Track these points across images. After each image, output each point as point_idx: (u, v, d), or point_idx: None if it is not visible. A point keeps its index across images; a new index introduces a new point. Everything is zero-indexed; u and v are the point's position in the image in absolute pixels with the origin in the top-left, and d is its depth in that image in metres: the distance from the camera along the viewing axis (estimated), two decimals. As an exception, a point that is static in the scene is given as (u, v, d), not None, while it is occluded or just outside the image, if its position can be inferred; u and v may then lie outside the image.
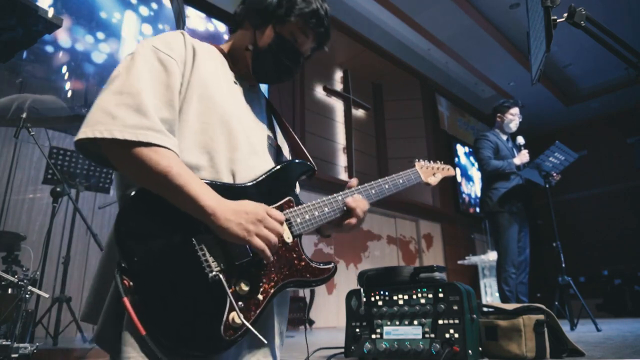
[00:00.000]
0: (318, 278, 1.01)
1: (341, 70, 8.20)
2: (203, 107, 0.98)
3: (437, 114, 8.99)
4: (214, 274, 0.85)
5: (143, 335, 0.76)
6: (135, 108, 0.85)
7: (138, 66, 0.90)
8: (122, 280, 0.78)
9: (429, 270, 1.82)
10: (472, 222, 9.00)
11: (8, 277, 2.03)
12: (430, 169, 1.48)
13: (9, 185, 3.75)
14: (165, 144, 0.85)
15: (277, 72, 1.14)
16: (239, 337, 0.86)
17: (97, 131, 0.81)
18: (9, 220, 3.70)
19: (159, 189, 0.85)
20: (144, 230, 0.84)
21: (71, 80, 4.43)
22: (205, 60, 1.04)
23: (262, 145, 1.10)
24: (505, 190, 3.71)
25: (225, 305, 0.85)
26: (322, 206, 1.07)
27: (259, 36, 1.11)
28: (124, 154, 0.84)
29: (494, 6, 6.67)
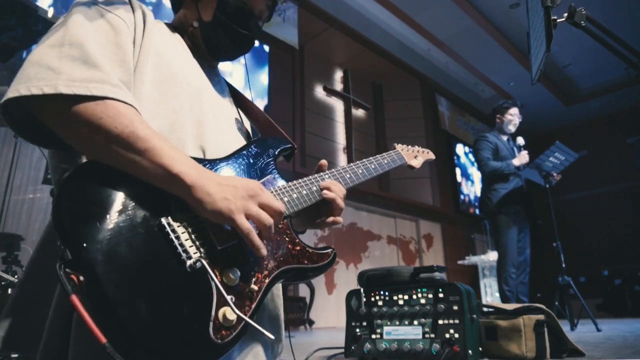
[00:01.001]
0: (317, 265, 0.86)
1: (341, 70, 8.20)
2: (161, 76, 0.83)
3: (437, 113, 8.99)
4: (193, 260, 0.66)
5: (103, 344, 0.55)
6: (83, 60, 0.67)
7: (78, 20, 0.73)
8: (69, 275, 0.57)
9: (429, 270, 1.82)
10: (472, 222, 9.01)
11: (8, 277, 2.03)
12: (412, 151, 1.43)
13: (9, 185, 3.75)
14: (125, 99, 0.68)
15: (234, 44, 1.00)
16: (235, 339, 0.67)
17: (34, 87, 0.63)
18: (9, 221, 3.70)
19: (118, 158, 0.66)
20: (94, 212, 0.62)
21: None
22: (157, 28, 0.90)
23: (230, 123, 0.98)
24: (504, 191, 3.71)
25: (212, 300, 0.66)
26: (308, 185, 0.92)
27: (202, 9, 0.97)
28: (71, 113, 0.64)
29: (494, 6, 6.68)
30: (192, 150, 0.81)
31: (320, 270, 0.87)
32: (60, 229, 0.60)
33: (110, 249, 0.61)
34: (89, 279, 0.58)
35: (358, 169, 1.09)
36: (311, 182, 0.93)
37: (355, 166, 1.09)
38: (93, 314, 0.56)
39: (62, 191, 0.63)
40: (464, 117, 9.89)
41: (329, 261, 0.88)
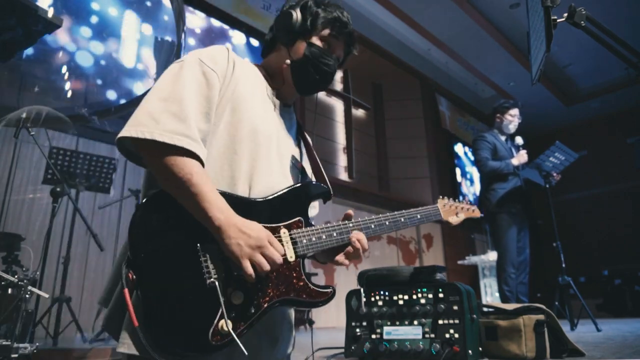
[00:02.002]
0: (314, 300, 1.00)
1: (341, 70, 8.20)
2: (234, 120, 1.04)
3: (437, 113, 8.99)
4: (211, 280, 0.88)
5: (136, 326, 0.81)
6: (177, 115, 0.93)
7: (185, 75, 0.98)
8: (128, 272, 0.84)
9: (429, 270, 1.82)
10: (472, 222, 8.95)
11: (8, 277, 2.03)
12: (454, 207, 1.46)
13: (9, 185, 3.75)
14: (196, 151, 0.92)
15: (318, 78, 1.19)
16: (224, 345, 0.88)
17: (140, 132, 0.89)
18: (9, 221, 3.70)
19: (178, 193, 0.91)
20: (155, 229, 0.89)
21: (71, 80, 4.43)
22: (243, 75, 1.11)
23: (285, 163, 1.15)
24: (503, 191, 3.70)
25: (217, 312, 0.88)
26: (330, 231, 1.08)
27: (292, 51, 1.19)
28: (157, 154, 0.91)
29: (494, 6, 6.68)
30: (242, 188, 1.01)
31: (315, 306, 1.02)
32: (131, 236, 0.87)
33: (158, 260, 0.87)
34: (138, 277, 0.84)
35: (386, 221, 1.19)
36: (333, 229, 1.08)
37: (384, 218, 1.19)
38: (136, 303, 0.83)
39: (140, 210, 0.90)
40: (464, 117, 9.89)
41: (326, 299, 1.02)
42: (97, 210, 4.02)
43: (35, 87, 4.09)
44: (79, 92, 4.49)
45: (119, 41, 4.86)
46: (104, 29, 4.71)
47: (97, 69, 4.63)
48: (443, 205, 1.43)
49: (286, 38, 1.20)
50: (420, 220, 1.29)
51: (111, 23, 4.81)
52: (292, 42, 1.19)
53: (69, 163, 3.29)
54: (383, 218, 1.18)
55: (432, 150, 8.54)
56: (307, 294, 1.00)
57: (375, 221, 1.16)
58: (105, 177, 3.48)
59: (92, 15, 4.65)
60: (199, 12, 5.88)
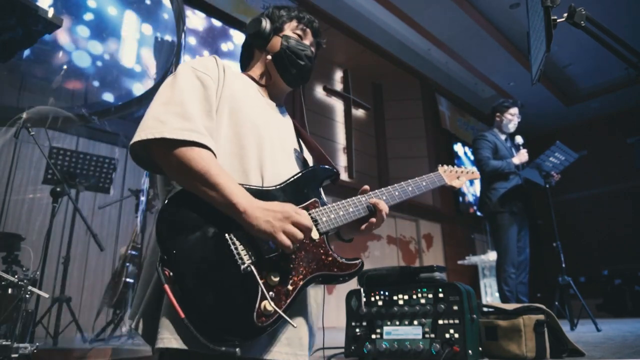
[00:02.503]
0: (345, 272, 1.06)
1: (341, 70, 8.19)
2: (234, 119, 1.09)
3: (437, 113, 8.99)
4: (245, 265, 0.91)
5: (182, 318, 0.82)
6: (181, 115, 0.97)
7: (180, 82, 1.04)
8: (164, 270, 0.86)
9: (429, 270, 1.82)
10: (472, 222, 9.00)
11: (8, 277, 2.03)
12: (454, 172, 1.53)
13: (9, 185, 3.75)
14: (207, 144, 0.96)
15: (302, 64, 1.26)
16: (271, 325, 0.91)
17: (149, 134, 0.93)
18: (9, 221, 3.70)
19: (197, 187, 0.93)
20: (181, 227, 0.92)
21: (71, 80, 4.43)
22: (234, 78, 1.17)
23: (289, 153, 1.20)
24: (504, 190, 3.70)
25: (257, 294, 0.91)
26: (346, 206, 1.14)
27: (270, 48, 1.28)
28: (171, 153, 0.94)
29: (494, 6, 6.67)
30: (254, 179, 1.05)
31: (348, 277, 1.07)
32: (159, 236, 0.89)
33: (190, 255, 0.89)
34: (175, 274, 0.87)
35: (395, 191, 1.27)
36: (349, 204, 1.15)
37: (392, 188, 1.27)
38: (177, 297, 0.84)
39: (162, 211, 0.92)
40: (464, 117, 9.90)
41: (356, 270, 1.07)
42: (97, 210, 4.02)
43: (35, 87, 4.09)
44: (79, 92, 4.49)
45: (119, 41, 4.86)
46: (104, 29, 4.71)
47: (97, 69, 4.63)
48: (444, 171, 1.51)
49: (261, 41, 1.28)
50: (425, 186, 1.37)
51: (111, 23, 4.81)
52: (268, 42, 1.28)
53: (69, 163, 3.29)
54: (392, 189, 1.26)
55: (432, 150, 8.53)
56: (337, 267, 1.05)
57: (386, 192, 1.24)
58: (105, 177, 3.48)
59: (92, 15, 4.65)
60: (199, 12, 5.89)
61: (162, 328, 0.90)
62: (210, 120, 1.04)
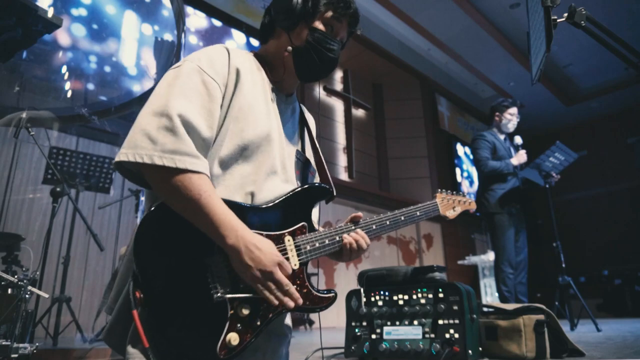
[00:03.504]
0: (316, 306, 1.03)
1: (341, 70, 8.20)
2: (237, 129, 1.01)
3: (437, 113, 8.99)
4: (218, 295, 0.89)
5: (146, 347, 0.81)
6: (174, 131, 0.88)
7: (182, 85, 0.94)
8: (135, 291, 0.84)
9: (429, 270, 1.82)
10: (472, 222, 9.00)
11: (8, 277, 2.03)
12: (451, 201, 1.48)
13: (9, 185, 3.75)
14: (199, 170, 0.89)
15: (321, 65, 1.14)
16: (233, 357, 0.89)
17: (137, 155, 0.86)
18: (9, 221, 3.70)
19: (187, 214, 0.89)
20: (159, 246, 0.88)
21: (71, 80, 4.43)
22: (244, 78, 1.06)
23: (288, 163, 1.12)
24: (502, 191, 3.69)
25: (225, 326, 0.89)
26: (333, 235, 1.09)
27: (294, 37, 1.13)
28: (162, 179, 0.88)
29: (494, 6, 6.67)
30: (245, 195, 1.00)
31: (320, 310, 1.04)
32: (136, 250, 0.85)
33: (164, 277, 0.87)
34: (146, 296, 0.84)
35: (387, 220, 1.21)
36: (336, 233, 1.09)
37: (385, 217, 1.21)
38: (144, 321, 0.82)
39: (145, 221, 0.89)
40: (464, 117, 9.90)
41: (327, 304, 1.05)
42: (97, 210, 4.02)
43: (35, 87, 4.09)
44: (79, 92, 4.49)
45: (119, 41, 4.86)
46: (104, 29, 4.71)
47: (97, 69, 4.63)
48: (441, 200, 1.45)
49: (286, 22, 1.13)
50: (419, 217, 1.31)
51: (111, 23, 4.81)
52: (293, 27, 1.13)
53: (69, 163, 3.29)
54: (384, 218, 1.20)
55: (432, 150, 8.53)
56: (310, 300, 1.02)
57: (377, 221, 1.18)
58: (105, 177, 3.48)
59: (92, 15, 4.65)
60: (199, 12, 5.89)
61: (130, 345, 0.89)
62: (210, 132, 0.96)
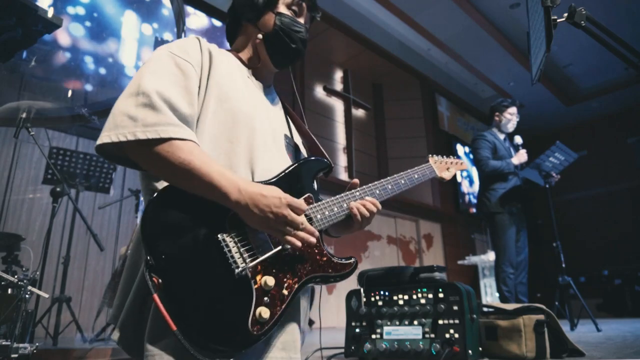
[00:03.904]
0: (340, 273, 1.02)
1: (341, 70, 8.19)
2: (221, 109, 1.01)
3: (437, 113, 8.99)
4: (240, 269, 0.86)
5: (174, 330, 0.77)
6: (152, 106, 0.87)
7: (154, 68, 0.94)
8: (152, 277, 0.79)
9: (429, 270, 1.82)
10: (472, 222, 9.00)
11: (8, 277, 2.03)
12: (444, 163, 1.52)
13: (9, 185, 3.75)
14: (185, 136, 0.88)
15: (294, 47, 1.16)
16: (266, 332, 0.86)
17: (120, 134, 0.84)
18: (9, 221, 3.70)
19: (184, 182, 0.87)
20: (169, 229, 0.85)
21: (71, 80, 4.43)
22: (221, 63, 1.07)
23: (279, 143, 1.12)
24: (503, 190, 3.70)
25: (252, 301, 0.86)
26: (340, 202, 1.10)
27: (262, 25, 1.16)
28: (148, 153, 0.86)
29: (494, 6, 6.67)
30: (243, 175, 0.98)
31: (342, 278, 1.03)
32: (145, 239, 0.82)
33: (181, 260, 0.83)
34: (165, 281, 0.80)
35: (388, 184, 1.23)
36: (342, 200, 1.11)
37: (385, 182, 1.23)
38: (167, 307, 0.78)
39: (148, 211, 0.86)
40: (464, 117, 9.89)
41: (351, 270, 1.04)
42: (97, 210, 4.02)
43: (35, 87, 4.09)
44: (79, 92, 4.49)
45: (119, 41, 4.86)
46: (104, 29, 4.71)
47: (97, 69, 4.63)
48: (434, 162, 1.49)
49: (252, 14, 1.16)
50: (418, 179, 1.34)
51: (111, 23, 4.81)
52: (259, 16, 1.16)
53: (69, 163, 3.29)
54: (385, 182, 1.22)
55: (432, 150, 8.53)
56: (332, 267, 1.01)
57: (379, 186, 1.20)
58: (105, 177, 3.48)
59: (92, 15, 4.65)
60: (199, 12, 5.89)
61: (149, 343, 0.83)
62: (191, 107, 0.94)
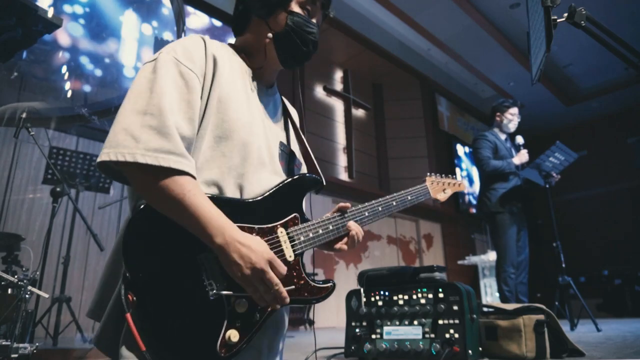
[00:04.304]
0: (315, 297, 1.01)
1: (341, 70, 8.20)
2: (219, 120, 0.99)
3: (437, 113, 8.99)
4: (214, 292, 0.87)
5: (143, 351, 0.78)
6: (158, 130, 0.86)
7: (161, 82, 0.91)
8: (127, 294, 0.80)
9: (429, 270, 1.82)
10: (472, 222, 9.01)
11: (8, 277, 2.03)
12: (441, 184, 1.49)
13: (9, 185, 3.75)
14: (184, 169, 0.87)
15: (304, 48, 1.13)
16: (234, 354, 0.87)
17: (120, 154, 0.83)
18: (9, 220, 3.70)
19: (172, 215, 0.87)
20: (150, 246, 0.86)
21: (71, 80, 4.43)
22: (224, 69, 1.04)
23: (274, 155, 1.10)
24: (504, 190, 3.70)
25: (223, 324, 0.87)
26: (326, 224, 1.09)
27: (272, 23, 1.11)
28: (144, 177, 0.86)
29: (494, 6, 6.68)
30: (232, 190, 0.97)
31: (318, 301, 1.02)
32: (126, 252, 0.83)
33: (157, 278, 0.84)
34: (139, 299, 0.81)
35: (378, 206, 1.22)
36: (329, 222, 1.10)
37: (376, 203, 1.22)
38: (138, 325, 0.79)
39: (132, 221, 0.86)
40: (464, 117, 9.90)
41: (327, 294, 1.03)
42: (97, 210, 4.02)
43: (35, 87, 4.09)
44: (79, 92, 4.50)
45: (119, 41, 4.86)
46: (104, 29, 4.71)
47: (97, 69, 4.63)
48: (431, 183, 1.47)
49: (263, 10, 1.11)
50: (410, 201, 1.34)
51: (111, 23, 4.81)
52: (271, 13, 1.11)
53: (69, 163, 3.29)
54: (376, 204, 1.21)
55: (432, 150, 8.54)
56: (308, 291, 1.00)
57: (369, 208, 1.19)
58: (105, 177, 3.47)
59: (93, 15, 4.65)
60: (199, 12, 5.89)
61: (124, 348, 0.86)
62: (192, 128, 0.93)
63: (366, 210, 1.18)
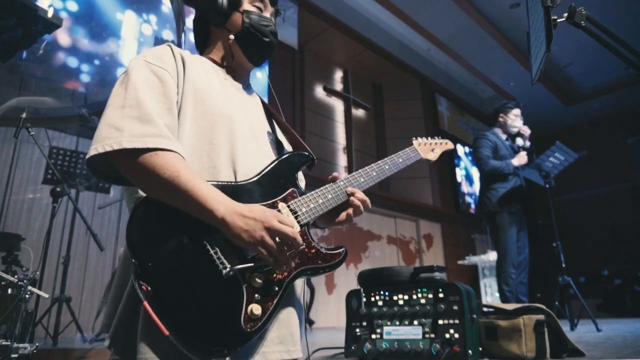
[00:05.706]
0: (329, 263, 1.01)
1: (341, 70, 8.20)
2: (199, 112, 1.01)
3: (437, 113, 8.99)
4: (227, 270, 0.86)
5: (166, 335, 0.77)
6: (140, 118, 0.88)
7: (134, 80, 0.94)
8: (140, 285, 0.80)
9: (429, 270, 1.82)
10: (472, 222, 9.00)
11: (8, 277, 2.03)
12: (429, 145, 1.51)
13: (9, 185, 3.75)
14: (172, 148, 0.88)
15: (266, 41, 1.18)
16: (259, 328, 0.88)
17: (106, 145, 0.84)
18: (9, 221, 3.70)
19: (169, 196, 0.86)
20: (155, 235, 0.86)
21: (71, 80, 4.43)
22: (195, 66, 1.08)
23: (261, 141, 1.12)
24: (504, 190, 3.70)
25: (243, 299, 0.87)
26: (325, 193, 1.09)
27: (230, 26, 1.18)
28: (134, 163, 0.86)
29: (494, 6, 6.68)
30: (226, 175, 0.98)
31: (332, 268, 1.02)
32: (131, 248, 0.83)
33: (167, 266, 0.84)
34: (154, 288, 0.81)
35: (372, 172, 1.21)
36: (327, 191, 1.10)
37: (369, 169, 1.21)
38: (158, 313, 0.78)
39: (132, 220, 0.86)
40: (464, 117, 9.90)
41: (340, 260, 1.03)
42: (97, 210, 4.02)
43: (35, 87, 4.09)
44: (79, 92, 4.49)
45: (119, 41, 4.86)
46: (104, 29, 4.71)
47: (98, 69, 4.63)
48: (419, 144, 1.48)
49: (218, 18, 1.18)
50: (402, 163, 1.32)
51: (111, 23, 4.81)
52: (226, 18, 1.18)
53: (69, 163, 3.29)
54: (369, 169, 1.21)
55: (432, 150, 8.53)
56: (321, 259, 1.01)
57: (363, 174, 1.19)
58: (103, 177, 3.47)
59: (93, 15, 4.65)
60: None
61: (141, 346, 0.83)
62: (172, 117, 0.96)
63: (360, 176, 1.18)
